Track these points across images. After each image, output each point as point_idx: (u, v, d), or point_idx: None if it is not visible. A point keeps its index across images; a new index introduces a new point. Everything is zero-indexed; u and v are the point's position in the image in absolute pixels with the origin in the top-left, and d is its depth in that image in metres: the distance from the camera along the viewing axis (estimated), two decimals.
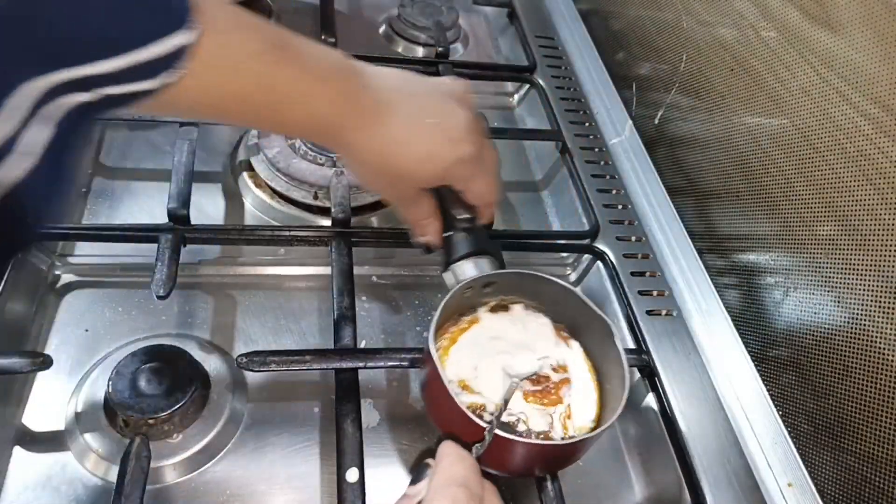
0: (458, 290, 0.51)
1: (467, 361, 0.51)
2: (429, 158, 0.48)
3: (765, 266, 0.68)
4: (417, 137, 0.47)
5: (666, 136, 0.85)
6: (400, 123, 0.46)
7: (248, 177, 0.73)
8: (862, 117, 0.57)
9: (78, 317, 0.59)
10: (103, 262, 0.63)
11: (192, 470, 0.51)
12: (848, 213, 0.59)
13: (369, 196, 0.72)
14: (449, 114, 0.48)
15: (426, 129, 0.47)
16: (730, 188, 0.74)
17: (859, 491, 0.56)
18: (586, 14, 1.05)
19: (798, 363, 0.63)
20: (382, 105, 0.46)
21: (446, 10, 0.99)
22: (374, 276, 0.69)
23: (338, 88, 0.43)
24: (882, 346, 0.55)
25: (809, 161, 0.63)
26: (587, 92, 0.93)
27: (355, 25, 0.98)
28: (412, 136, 0.47)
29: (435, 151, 0.47)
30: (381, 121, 0.45)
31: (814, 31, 0.62)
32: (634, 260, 0.72)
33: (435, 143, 0.47)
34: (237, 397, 0.55)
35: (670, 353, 0.64)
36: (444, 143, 0.48)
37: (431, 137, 0.47)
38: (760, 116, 0.69)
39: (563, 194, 0.81)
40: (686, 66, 0.81)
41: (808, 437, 0.61)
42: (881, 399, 0.55)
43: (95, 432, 0.51)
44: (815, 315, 0.62)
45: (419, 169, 0.48)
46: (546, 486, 0.50)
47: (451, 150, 0.48)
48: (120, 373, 0.51)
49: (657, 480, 0.58)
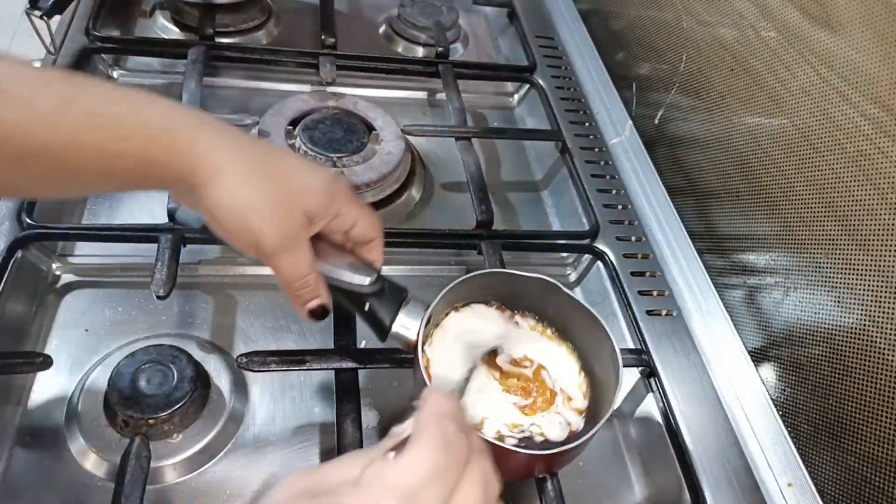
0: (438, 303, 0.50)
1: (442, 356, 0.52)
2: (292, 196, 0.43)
3: (765, 266, 0.68)
4: (261, 189, 0.43)
5: (666, 136, 0.85)
6: (240, 178, 0.42)
7: None
8: (862, 117, 0.57)
9: (78, 317, 0.59)
10: (103, 262, 0.63)
11: (192, 470, 0.51)
12: (848, 213, 0.58)
13: (369, 196, 0.72)
14: (290, 165, 0.45)
15: (269, 180, 0.43)
16: (730, 188, 0.74)
17: (859, 491, 0.56)
18: (586, 14, 1.05)
19: (798, 363, 0.63)
20: (222, 160, 0.42)
21: (446, 10, 0.99)
22: None
23: (169, 139, 0.40)
24: (882, 346, 0.55)
25: (809, 161, 0.63)
26: (587, 92, 0.93)
27: (355, 25, 0.98)
28: (254, 189, 0.42)
29: (287, 193, 0.43)
30: (222, 176, 0.42)
31: (814, 31, 0.62)
32: (634, 260, 0.72)
33: (282, 188, 0.43)
34: (237, 397, 0.55)
35: (670, 353, 0.64)
36: (295, 184, 0.44)
37: (275, 186, 0.43)
38: (760, 116, 0.69)
39: (563, 194, 0.81)
40: (686, 66, 0.81)
41: (808, 437, 0.61)
42: (881, 399, 0.55)
43: (95, 432, 0.51)
44: (815, 315, 0.62)
45: (273, 216, 0.43)
46: (546, 486, 0.50)
47: (302, 194, 0.44)
48: (120, 373, 0.51)
49: (657, 480, 0.58)
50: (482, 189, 0.72)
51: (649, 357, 0.62)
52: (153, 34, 0.88)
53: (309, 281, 0.45)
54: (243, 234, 0.43)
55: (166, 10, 0.89)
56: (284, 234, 0.43)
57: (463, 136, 0.78)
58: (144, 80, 0.83)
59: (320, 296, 0.46)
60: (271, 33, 0.93)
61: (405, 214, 0.75)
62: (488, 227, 0.69)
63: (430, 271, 0.71)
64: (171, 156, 0.40)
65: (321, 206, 0.45)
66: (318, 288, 0.46)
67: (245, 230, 0.42)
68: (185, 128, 0.41)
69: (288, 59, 0.84)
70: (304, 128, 0.74)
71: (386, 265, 0.69)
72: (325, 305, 0.47)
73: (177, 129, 0.41)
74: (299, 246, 0.44)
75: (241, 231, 0.42)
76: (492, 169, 0.84)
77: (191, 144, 0.41)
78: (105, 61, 0.81)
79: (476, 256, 0.68)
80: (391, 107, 0.81)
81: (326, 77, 0.82)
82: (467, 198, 0.72)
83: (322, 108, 0.77)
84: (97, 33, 0.78)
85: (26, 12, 0.68)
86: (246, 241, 0.43)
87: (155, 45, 0.84)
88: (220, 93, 0.83)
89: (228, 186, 0.41)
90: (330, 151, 0.72)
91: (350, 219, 0.47)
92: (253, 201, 0.42)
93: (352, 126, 0.76)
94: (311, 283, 0.46)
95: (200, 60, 0.78)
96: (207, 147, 0.41)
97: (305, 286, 0.45)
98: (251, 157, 0.43)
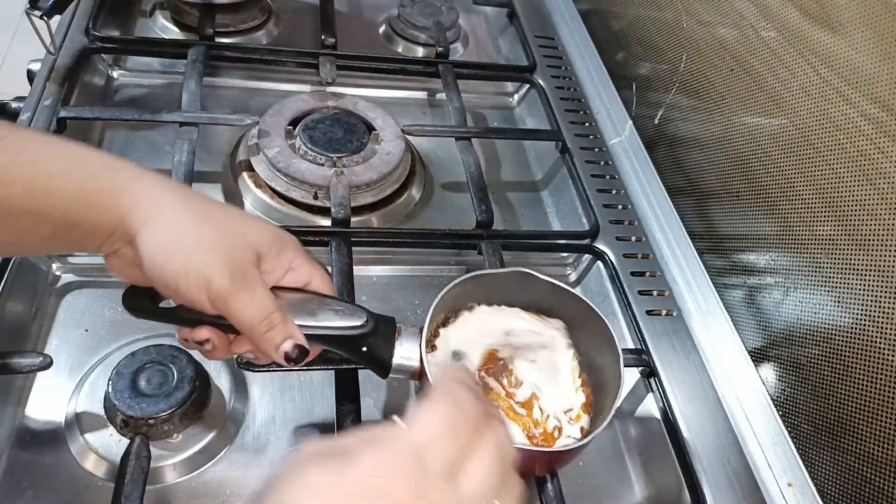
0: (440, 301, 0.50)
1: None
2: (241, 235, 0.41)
3: (765, 266, 0.68)
4: (206, 226, 0.40)
5: (666, 136, 0.85)
6: (182, 216, 0.39)
7: (247, 177, 0.73)
8: (862, 117, 0.57)
9: (78, 317, 0.59)
10: (103, 262, 0.62)
11: (192, 470, 0.51)
12: (848, 213, 0.58)
13: (369, 196, 0.72)
14: (236, 211, 0.43)
15: (213, 218, 0.40)
16: (730, 188, 0.74)
17: (859, 491, 0.56)
18: (586, 14, 1.05)
19: (798, 363, 0.63)
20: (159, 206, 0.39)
21: (446, 10, 0.99)
22: (374, 276, 0.69)
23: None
24: (882, 346, 0.55)
25: (809, 161, 0.63)
26: (587, 92, 0.93)
27: (355, 25, 0.98)
28: (198, 226, 0.39)
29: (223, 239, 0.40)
30: (163, 215, 0.39)
31: (814, 30, 0.61)
32: (634, 260, 0.72)
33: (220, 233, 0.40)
34: (237, 397, 0.55)
35: (670, 353, 0.64)
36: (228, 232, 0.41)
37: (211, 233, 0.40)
38: (760, 116, 0.69)
39: (563, 194, 0.81)
40: (686, 66, 0.81)
41: (808, 437, 0.61)
42: (881, 399, 0.55)
43: (95, 432, 0.51)
44: (815, 315, 0.62)
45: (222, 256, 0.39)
46: (546, 486, 0.50)
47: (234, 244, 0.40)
48: (120, 373, 0.51)
49: (657, 480, 0.58)
50: (482, 189, 0.72)
51: (649, 357, 0.62)
52: (153, 34, 0.88)
53: (274, 319, 0.40)
54: (191, 276, 0.38)
55: (166, 10, 0.89)
56: (235, 271, 0.39)
57: (463, 136, 0.78)
58: (144, 79, 0.83)
59: (292, 335, 0.41)
60: (271, 33, 0.93)
61: (405, 214, 0.75)
62: (488, 227, 0.69)
63: (430, 271, 0.71)
64: (107, 196, 0.38)
65: (271, 250, 0.42)
66: (288, 326, 0.41)
67: (193, 271, 0.38)
68: (123, 169, 0.39)
69: (288, 59, 0.84)
70: (304, 128, 0.74)
71: (386, 265, 0.70)
72: (301, 345, 0.42)
73: (114, 169, 0.39)
74: (253, 283, 0.40)
75: (189, 273, 0.38)
76: (492, 169, 0.84)
77: (129, 184, 0.38)
78: (105, 61, 0.81)
79: (476, 256, 0.68)
80: (391, 107, 0.81)
81: (326, 77, 0.82)
82: (467, 198, 0.72)
83: (322, 108, 0.77)
84: (97, 33, 0.78)
85: (26, 12, 0.68)
86: (195, 285, 0.38)
87: (155, 44, 0.84)
88: (220, 93, 0.83)
89: (170, 226, 0.38)
90: (330, 151, 0.72)
91: (304, 275, 0.44)
92: (198, 238, 0.38)
93: (352, 126, 0.76)
94: (276, 321, 0.40)
95: (200, 60, 0.78)
96: (146, 188, 0.39)
97: (271, 325, 0.40)
98: (193, 200, 0.40)
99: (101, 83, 0.80)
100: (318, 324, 0.43)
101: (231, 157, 0.76)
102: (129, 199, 0.38)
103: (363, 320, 0.45)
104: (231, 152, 0.76)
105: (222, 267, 0.38)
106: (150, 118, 0.71)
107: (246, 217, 0.43)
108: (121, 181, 0.38)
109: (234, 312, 0.39)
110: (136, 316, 0.44)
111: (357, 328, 0.44)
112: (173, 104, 0.76)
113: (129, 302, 0.44)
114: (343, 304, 0.45)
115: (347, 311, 0.45)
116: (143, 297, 0.43)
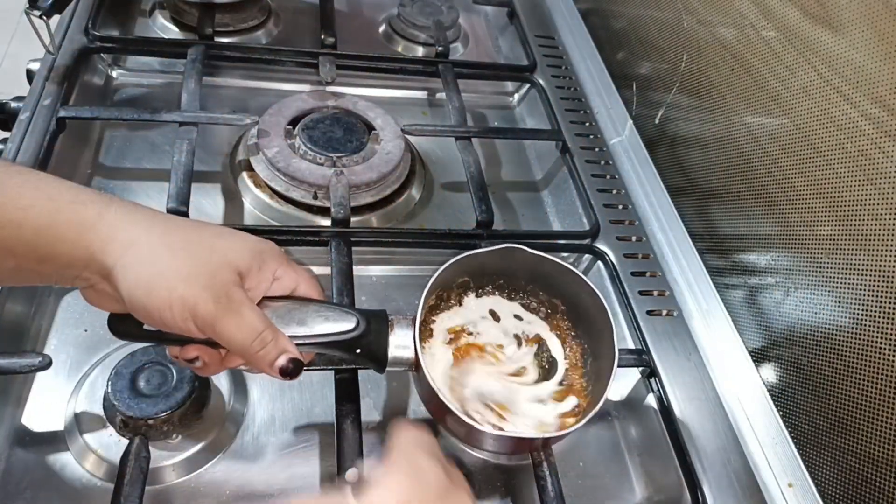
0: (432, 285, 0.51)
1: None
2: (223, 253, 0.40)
3: (765, 266, 0.68)
4: (183, 255, 0.39)
5: (666, 135, 0.85)
6: (157, 249, 0.39)
7: (247, 176, 0.72)
8: (863, 117, 0.57)
9: (77, 317, 0.59)
10: None
11: (191, 470, 0.51)
12: (848, 213, 0.58)
13: (369, 195, 0.72)
14: (212, 230, 0.42)
15: (190, 245, 0.40)
16: (730, 188, 0.74)
17: (860, 491, 0.56)
18: (586, 13, 1.05)
19: (798, 363, 0.63)
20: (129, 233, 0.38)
21: (446, 10, 0.99)
22: (374, 276, 0.69)
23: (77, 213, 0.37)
24: (882, 346, 0.55)
25: (810, 161, 0.62)
26: (587, 91, 0.93)
27: (355, 25, 0.98)
28: (175, 256, 0.39)
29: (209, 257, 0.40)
30: (137, 250, 0.38)
31: (814, 30, 0.61)
32: (635, 260, 0.72)
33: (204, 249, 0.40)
34: (237, 398, 0.55)
35: (671, 353, 0.64)
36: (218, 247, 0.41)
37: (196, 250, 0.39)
38: (761, 116, 0.69)
39: (563, 194, 0.80)
40: (687, 66, 0.81)
41: (808, 438, 0.61)
42: (881, 399, 0.55)
43: (95, 432, 0.50)
44: (815, 315, 0.62)
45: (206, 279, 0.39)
46: (546, 486, 0.50)
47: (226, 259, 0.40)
48: (119, 373, 0.51)
49: (657, 480, 0.58)
50: (482, 189, 0.72)
51: (650, 357, 0.62)
52: (152, 34, 0.88)
53: (266, 337, 0.40)
54: (175, 308, 0.37)
55: (166, 9, 0.89)
56: (219, 296, 0.38)
57: (463, 135, 0.78)
58: (144, 79, 0.83)
59: (286, 350, 0.41)
60: (271, 33, 0.93)
61: (405, 214, 0.75)
62: (488, 227, 0.69)
63: (429, 271, 0.70)
64: (77, 231, 0.37)
65: (252, 267, 0.41)
66: (280, 342, 0.41)
67: (176, 302, 0.37)
68: (91, 202, 0.38)
69: (287, 59, 0.84)
70: (304, 127, 0.74)
71: (386, 265, 0.70)
72: (296, 359, 0.41)
73: (82, 202, 0.38)
74: (240, 304, 0.39)
75: (173, 304, 0.37)
76: (492, 169, 0.84)
77: (98, 218, 0.37)
78: (104, 61, 0.81)
79: None
80: (391, 106, 0.81)
81: (326, 77, 0.82)
82: (467, 198, 0.72)
83: (322, 108, 0.77)
84: (96, 33, 0.78)
85: (25, 12, 0.67)
86: (180, 315, 0.38)
87: (154, 44, 0.84)
88: (219, 92, 0.83)
89: (146, 260, 0.37)
90: (329, 151, 0.72)
91: (290, 282, 0.44)
92: (177, 269, 0.38)
93: (351, 126, 0.76)
94: (268, 338, 0.40)
95: (200, 60, 0.78)
96: (116, 221, 0.38)
97: (263, 344, 0.40)
98: (166, 227, 0.39)
99: (101, 83, 0.80)
100: (309, 332, 0.43)
101: (231, 156, 0.76)
102: (99, 233, 0.37)
103: (354, 323, 0.44)
104: (231, 152, 0.76)
105: (206, 294, 0.38)
106: (150, 118, 0.71)
107: (222, 235, 0.42)
108: (89, 215, 0.37)
109: (224, 336, 0.39)
110: (122, 339, 0.44)
111: (348, 332, 0.44)
112: (173, 104, 0.76)
113: (114, 327, 0.43)
114: (332, 309, 0.45)
115: (337, 316, 0.44)
116: (128, 322, 0.42)
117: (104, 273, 0.38)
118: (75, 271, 0.38)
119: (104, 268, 0.38)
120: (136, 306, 0.38)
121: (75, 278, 0.39)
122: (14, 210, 0.35)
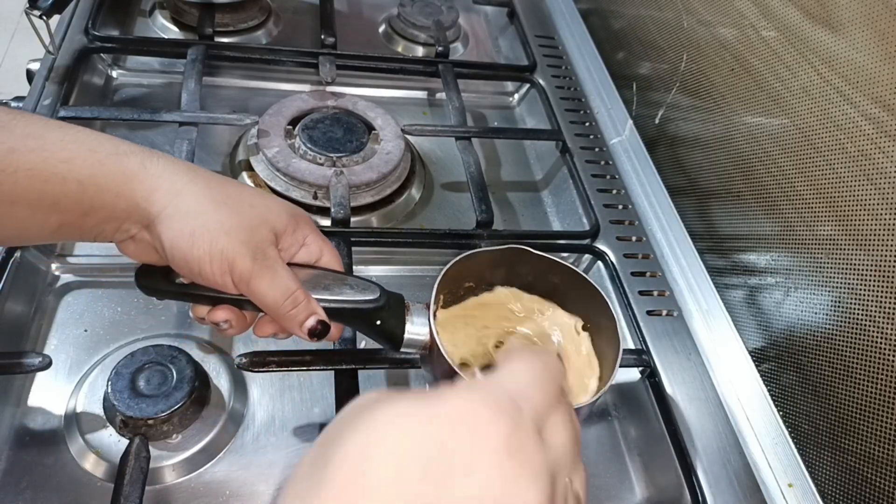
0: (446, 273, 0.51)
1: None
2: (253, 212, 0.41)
3: (766, 266, 0.68)
4: (226, 209, 0.40)
5: (666, 135, 0.85)
6: (202, 200, 0.39)
7: (247, 177, 0.72)
8: (863, 117, 0.57)
9: (77, 317, 0.59)
10: (103, 262, 0.63)
11: (191, 470, 0.51)
12: (848, 213, 0.58)
13: (369, 195, 0.72)
14: (250, 190, 0.43)
15: (232, 200, 0.40)
16: (730, 188, 0.74)
17: (860, 491, 0.56)
18: (586, 13, 1.05)
19: (798, 363, 0.63)
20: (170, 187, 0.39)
21: (446, 10, 0.99)
22: (374, 276, 0.69)
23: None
24: (882, 347, 0.55)
25: (810, 161, 0.62)
26: (587, 91, 0.93)
27: (355, 25, 0.98)
28: (219, 210, 0.39)
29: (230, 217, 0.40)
30: (182, 199, 0.39)
31: (814, 30, 0.61)
32: (635, 260, 0.72)
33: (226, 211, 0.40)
34: (237, 397, 0.55)
35: (671, 354, 0.64)
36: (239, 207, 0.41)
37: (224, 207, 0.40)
38: (761, 116, 0.69)
39: (563, 194, 0.80)
40: (687, 66, 0.81)
41: (808, 438, 0.61)
42: (881, 399, 0.55)
43: (95, 432, 0.50)
44: (815, 315, 0.62)
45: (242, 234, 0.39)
46: None
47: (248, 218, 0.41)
48: (119, 373, 0.51)
49: (657, 480, 0.58)
50: (482, 189, 0.72)
51: (650, 357, 0.62)
52: (152, 33, 0.88)
53: (298, 297, 0.41)
54: (215, 260, 0.38)
55: (165, 9, 0.89)
56: (256, 253, 0.39)
57: (463, 135, 0.78)
58: (143, 79, 0.83)
59: (315, 312, 0.43)
60: (271, 33, 0.93)
61: (405, 214, 0.75)
62: (488, 227, 0.69)
63: (430, 271, 0.71)
64: (121, 181, 0.37)
65: (288, 228, 0.43)
66: (311, 303, 0.42)
67: (217, 255, 0.38)
68: (133, 153, 0.38)
69: (287, 59, 0.84)
70: (304, 127, 0.74)
71: (386, 265, 0.70)
72: (324, 320, 0.43)
73: (123, 153, 0.38)
74: (275, 263, 0.41)
75: (213, 257, 0.38)
76: (492, 169, 0.84)
77: (141, 168, 0.38)
78: (104, 61, 0.81)
79: None
80: (391, 106, 0.81)
81: (326, 77, 0.82)
82: (467, 198, 0.72)
83: (322, 108, 0.77)
84: (96, 33, 0.78)
85: (25, 11, 0.67)
86: (219, 269, 0.38)
87: (154, 44, 0.84)
88: (219, 92, 0.83)
89: (192, 210, 0.38)
90: (329, 151, 0.72)
91: (316, 249, 0.45)
92: (220, 222, 0.38)
93: (351, 126, 0.76)
94: (300, 298, 0.41)
95: (200, 60, 0.78)
96: (159, 171, 0.38)
97: (295, 304, 0.41)
98: (208, 181, 0.40)
99: (101, 83, 0.80)
100: (334, 297, 0.44)
101: (230, 156, 0.76)
102: (143, 182, 0.38)
103: (376, 294, 0.46)
104: (230, 152, 0.76)
105: (244, 250, 0.39)
106: (150, 118, 0.71)
107: (262, 196, 0.43)
108: (132, 165, 0.38)
109: (257, 293, 0.40)
110: (149, 294, 0.44)
111: (371, 302, 0.45)
112: (173, 104, 0.76)
113: (142, 280, 0.43)
114: (355, 279, 0.46)
115: (361, 286, 0.46)
116: (157, 276, 0.42)
117: (146, 222, 0.38)
118: (117, 223, 0.39)
119: (147, 216, 0.38)
120: (176, 257, 0.39)
121: (116, 231, 0.39)
122: (57, 163, 0.35)
